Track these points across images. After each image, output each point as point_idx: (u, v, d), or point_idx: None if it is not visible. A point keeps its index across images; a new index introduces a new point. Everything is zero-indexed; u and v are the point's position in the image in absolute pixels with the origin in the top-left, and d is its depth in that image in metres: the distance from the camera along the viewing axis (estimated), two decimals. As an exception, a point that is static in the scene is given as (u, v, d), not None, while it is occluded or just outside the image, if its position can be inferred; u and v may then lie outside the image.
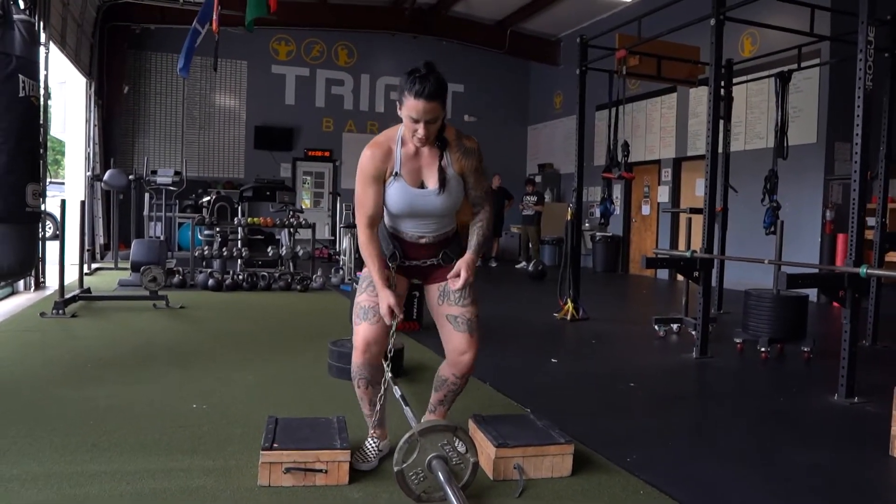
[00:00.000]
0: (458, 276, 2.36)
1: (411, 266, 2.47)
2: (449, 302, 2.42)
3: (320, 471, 2.20)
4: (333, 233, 13.23)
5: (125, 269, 8.03)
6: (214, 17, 8.13)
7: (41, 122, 4.33)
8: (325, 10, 12.79)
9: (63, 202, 5.42)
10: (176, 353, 4.19)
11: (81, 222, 5.86)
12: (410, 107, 2.18)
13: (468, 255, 2.40)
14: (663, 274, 11.18)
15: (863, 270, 3.51)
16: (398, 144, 2.33)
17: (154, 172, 8.81)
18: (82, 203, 5.88)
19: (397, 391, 3.08)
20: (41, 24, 6.78)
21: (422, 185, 2.34)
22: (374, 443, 2.46)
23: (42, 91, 5.46)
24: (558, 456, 2.36)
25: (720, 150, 6.55)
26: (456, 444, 2.13)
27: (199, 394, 3.23)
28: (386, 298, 2.29)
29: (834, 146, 8.60)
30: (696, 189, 10.68)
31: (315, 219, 9.64)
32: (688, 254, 4.72)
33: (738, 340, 4.98)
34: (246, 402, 3.16)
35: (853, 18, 3.91)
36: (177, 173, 8.85)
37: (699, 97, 10.50)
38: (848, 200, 8.62)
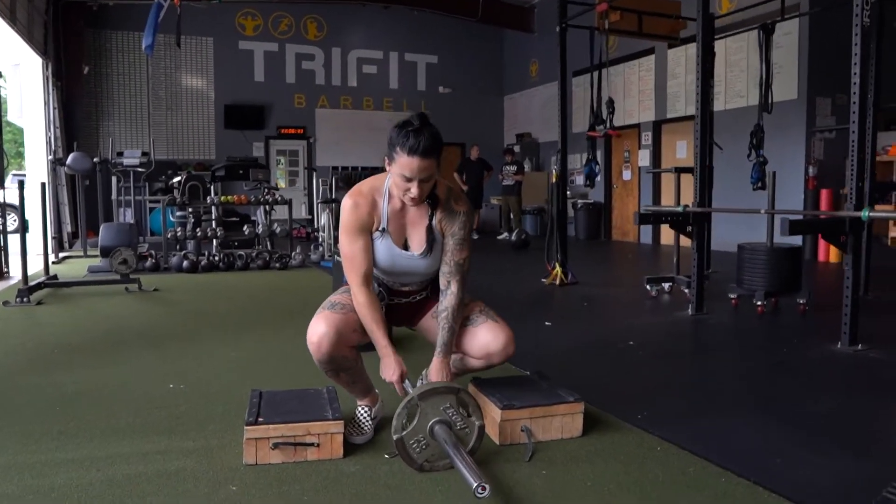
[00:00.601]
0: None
1: (397, 305, 2.31)
2: None
3: (311, 444, 2.01)
4: (310, 211, 12.96)
5: (95, 256, 7.73)
6: (175, -12, 7.76)
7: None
8: (292, -18, 12.37)
9: (21, 182, 5.12)
10: (150, 336, 3.96)
11: (42, 205, 5.54)
12: (403, 164, 1.98)
13: (436, 361, 2.13)
14: (646, 238, 11.12)
15: (865, 214, 3.38)
16: (385, 198, 2.15)
17: (120, 154, 8.46)
18: (42, 185, 5.55)
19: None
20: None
21: (405, 245, 2.17)
22: (366, 411, 2.27)
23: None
24: (568, 416, 2.20)
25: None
26: (459, 408, 1.95)
27: (175, 374, 3.02)
28: (397, 365, 2.08)
29: (815, 101, 8.51)
30: (677, 151, 10.57)
31: (291, 198, 9.36)
32: (680, 208, 4.57)
33: (732, 296, 4.87)
34: (227, 380, 2.96)
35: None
36: (144, 154, 8.51)
37: (677, 58, 10.35)
38: (831, 156, 8.60)
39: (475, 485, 1.59)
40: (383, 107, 14.07)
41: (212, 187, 8.68)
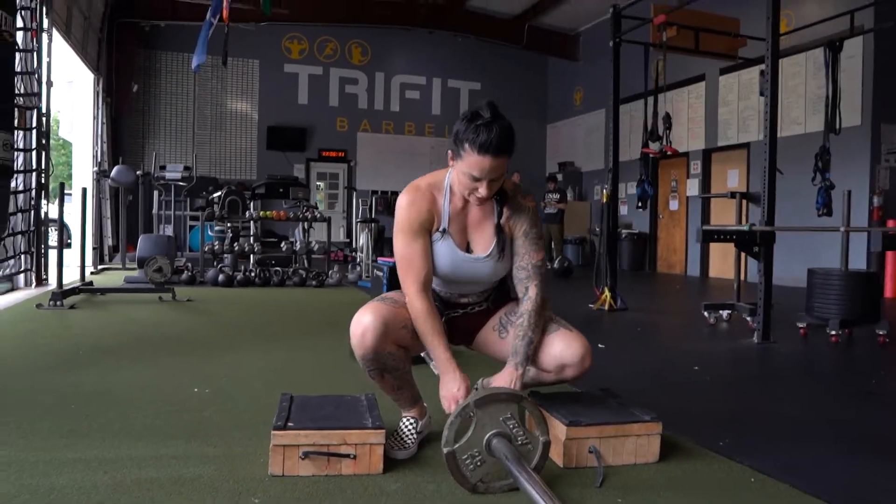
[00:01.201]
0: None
1: (453, 319, 2.03)
2: (514, 327, 1.94)
3: (347, 456, 1.74)
4: (349, 234, 12.84)
5: (133, 269, 7.67)
6: (224, 4, 7.80)
7: (14, 66, 3.92)
8: (339, 6, 12.46)
9: (62, 185, 5.03)
10: (178, 342, 3.76)
11: (82, 210, 5.46)
12: (472, 163, 1.75)
13: (507, 369, 1.85)
14: (694, 270, 10.69)
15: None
16: (446, 195, 1.91)
17: (163, 168, 8.44)
18: (84, 190, 5.49)
19: (436, 368, 2.64)
20: (42, 8, 6.44)
21: (468, 249, 1.92)
22: (411, 424, 1.99)
23: (19, 32, 5.02)
24: (643, 437, 1.89)
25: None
26: (520, 421, 1.67)
27: (201, 378, 2.79)
28: (459, 381, 1.79)
29: (880, 128, 8.08)
30: (727, 181, 10.18)
31: (330, 217, 9.23)
32: (746, 227, 4.24)
33: (801, 325, 4.48)
34: (256, 388, 2.71)
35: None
36: (186, 168, 8.48)
37: (729, 85, 10.04)
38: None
39: (548, 509, 1.30)
40: (425, 132, 14.00)
41: (251, 204, 8.61)
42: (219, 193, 8.36)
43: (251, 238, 7.82)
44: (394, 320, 1.85)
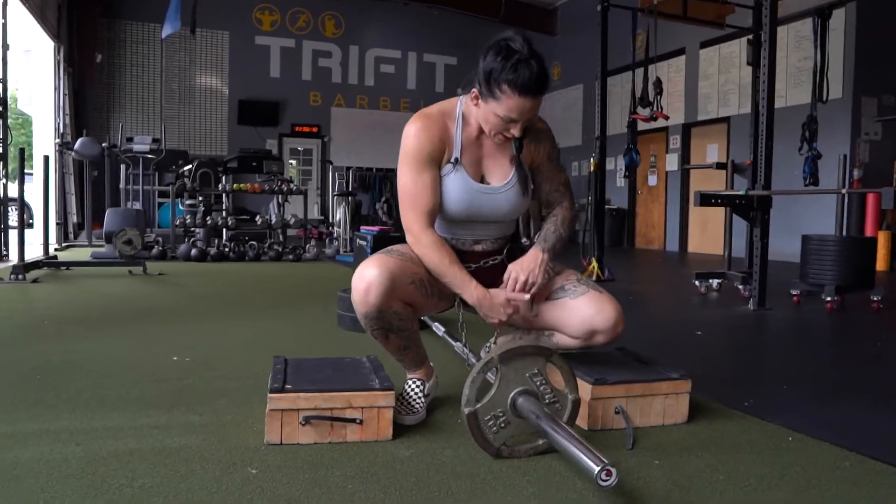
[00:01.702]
0: (517, 282, 1.69)
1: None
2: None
3: (353, 420, 1.56)
4: (323, 211, 12.56)
5: (100, 246, 7.33)
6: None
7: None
8: (311, -24, 12.07)
9: (21, 151, 4.71)
10: (152, 313, 3.53)
11: (45, 180, 5.15)
12: (512, 106, 1.56)
13: (533, 250, 1.75)
14: (672, 245, 10.67)
15: (978, 188, 2.93)
16: (458, 123, 1.71)
17: (130, 140, 8.07)
18: (45, 158, 5.17)
19: (439, 329, 2.47)
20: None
21: (482, 180, 1.74)
22: (418, 386, 1.82)
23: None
24: (671, 396, 1.75)
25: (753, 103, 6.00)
26: (547, 377, 1.50)
27: (180, 348, 2.58)
28: (495, 293, 1.68)
29: (861, 101, 8.07)
30: (707, 155, 10.13)
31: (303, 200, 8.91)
32: (742, 191, 4.13)
33: (794, 292, 4.41)
34: (240, 355, 2.52)
35: None
36: (155, 140, 8.12)
37: (710, 58, 9.95)
38: (876, 158, 8.13)
39: (597, 469, 1.14)
40: (400, 108, 13.71)
41: (223, 178, 8.29)
42: (189, 167, 8.04)
43: (224, 212, 7.54)
44: (401, 274, 1.66)
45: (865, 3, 7.53)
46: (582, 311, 1.70)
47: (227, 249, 6.79)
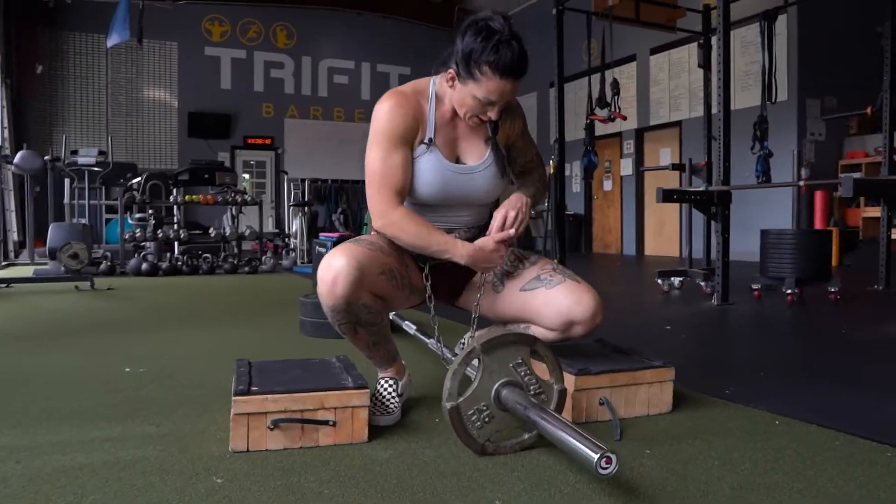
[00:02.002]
0: (506, 218, 1.64)
1: (439, 268, 1.73)
2: (512, 276, 1.72)
3: (326, 423, 1.46)
4: (278, 224, 12.32)
5: (44, 264, 7.00)
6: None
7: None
8: (262, -15, 11.90)
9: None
10: (103, 325, 3.34)
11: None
12: (492, 88, 1.51)
13: (515, 195, 1.71)
14: (630, 249, 10.80)
15: (932, 176, 2.99)
16: (431, 103, 1.64)
17: (74, 153, 7.76)
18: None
19: (410, 327, 2.38)
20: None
21: (457, 161, 1.68)
22: (391, 385, 1.72)
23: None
24: (655, 385, 1.69)
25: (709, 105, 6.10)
26: (531, 367, 1.43)
27: (134, 359, 2.43)
28: (482, 240, 1.62)
29: (805, 103, 8.31)
30: (660, 159, 10.29)
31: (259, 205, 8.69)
32: (702, 187, 4.16)
33: (755, 287, 4.46)
34: (199, 363, 2.38)
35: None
36: (101, 153, 7.83)
37: (660, 64, 10.14)
38: (822, 158, 8.38)
39: (597, 456, 1.07)
40: (355, 118, 13.59)
41: (174, 190, 8.03)
42: (138, 179, 7.78)
43: (175, 225, 7.29)
44: (371, 264, 1.57)
45: (805, 9, 7.77)
46: (559, 301, 1.63)
47: (179, 263, 6.56)
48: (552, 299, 1.64)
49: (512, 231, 1.62)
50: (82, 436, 1.55)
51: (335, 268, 1.52)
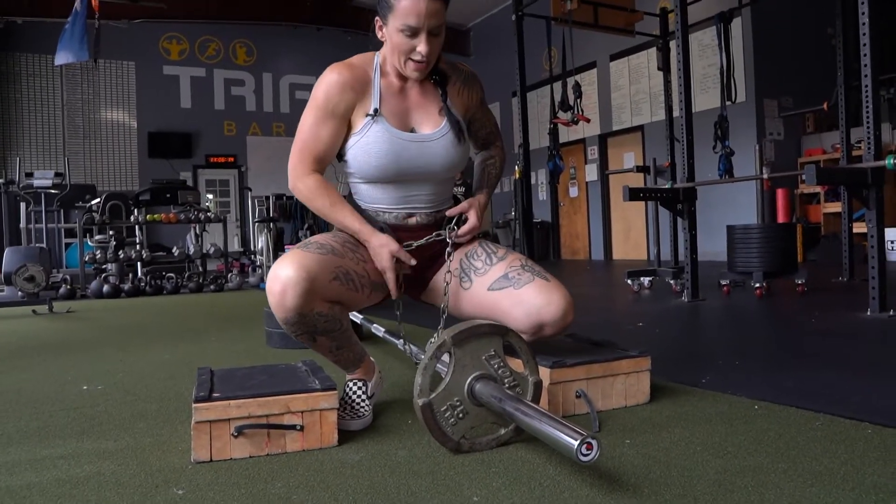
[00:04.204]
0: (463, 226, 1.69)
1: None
2: (479, 273, 1.64)
3: (293, 427, 1.39)
4: (244, 243, 12.13)
5: (0, 291, 6.75)
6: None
7: None
8: (220, 2, 11.77)
9: None
10: (60, 346, 3.20)
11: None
12: (407, 9, 1.46)
13: (477, 197, 1.75)
14: (598, 254, 10.87)
15: (889, 161, 3.04)
16: (376, 73, 1.59)
17: (30, 175, 7.53)
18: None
19: (379, 329, 2.32)
20: None
21: (412, 132, 1.62)
22: (359, 388, 1.65)
23: None
24: (632, 375, 1.66)
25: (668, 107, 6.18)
26: (505, 359, 1.38)
27: (90, 376, 2.32)
28: (383, 243, 1.55)
29: (763, 103, 8.48)
30: (624, 163, 10.39)
31: (223, 225, 8.50)
32: (668, 184, 4.18)
33: (724, 282, 4.50)
34: (159, 378, 2.28)
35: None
36: (58, 175, 7.61)
37: (620, 70, 10.27)
38: (781, 157, 8.55)
39: (577, 443, 1.02)
40: (319, 133, 13.48)
41: (136, 210, 7.84)
42: (97, 200, 7.58)
43: (137, 246, 7.11)
44: (322, 271, 1.48)
45: (758, 11, 7.95)
46: (528, 302, 1.56)
47: (142, 284, 6.39)
48: (521, 299, 1.57)
49: (413, 262, 1.57)
50: (32, 455, 1.45)
51: (282, 279, 1.44)
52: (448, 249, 1.64)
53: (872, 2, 3.23)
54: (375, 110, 1.57)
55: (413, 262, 1.57)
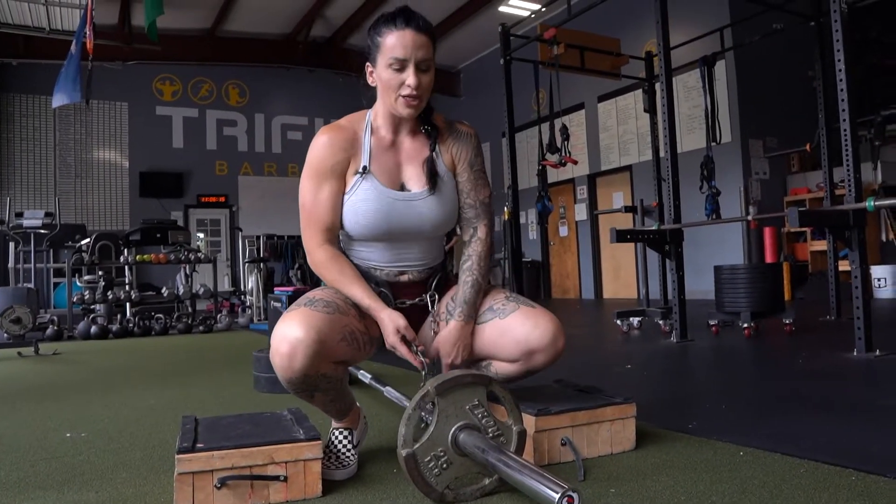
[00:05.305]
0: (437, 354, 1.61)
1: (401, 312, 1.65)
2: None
3: (276, 478, 1.38)
4: (234, 283, 12.10)
5: (-15, 330, 6.68)
6: (88, 31, 7.19)
7: None
8: (213, 45, 11.95)
9: None
10: (43, 390, 3.16)
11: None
12: (393, 45, 1.51)
13: (453, 324, 1.60)
14: (588, 293, 10.90)
15: (869, 203, 3.09)
16: (367, 130, 1.63)
17: (20, 215, 7.53)
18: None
19: (365, 376, 2.31)
20: None
21: (402, 189, 1.63)
22: (345, 437, 1.64)
23: None
24: (617, 422, 1.66)
25: (659, 148, 6.28)
26: (488, 409, 1.38)
27: (74, 423, 2.30)
28: (392, 319, 1.53)
29: (749, 143, 8.63)
30: (613, 203, 10.50)
31: (214, 265, 8.49)
32: (655, 226, 4.23)
33: (712, 322, 4.53)
34: (145, 425, 2.26)
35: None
36: (48, 215, 7.61)
37: (608, 111, 10.45)
38: (767, 196, 8.66)
39: (557, 496, 1.02)
40: (310, 173, 13.58)
41: (125, 251, 7.83)
42: (87, 241, 7.56)
43: (127, 286, 7.08)
44: (331, 332, 1.47)
45: (741, 55, 8.14)
46: (515, 330, 1.57)
47: (131, 325, 6.34)
48: (508, 328, 1.58)
49: (413, 362, 1.54)
50: (11, 508, 1.43)
51: (291, 340, 1.42)
52: (430, 318, 1.68)
53: (848, 48, 3.34)
54: (364, 168, 1.60)
55: (414, 337, 1.55)
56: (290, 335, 1.42)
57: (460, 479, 1.35)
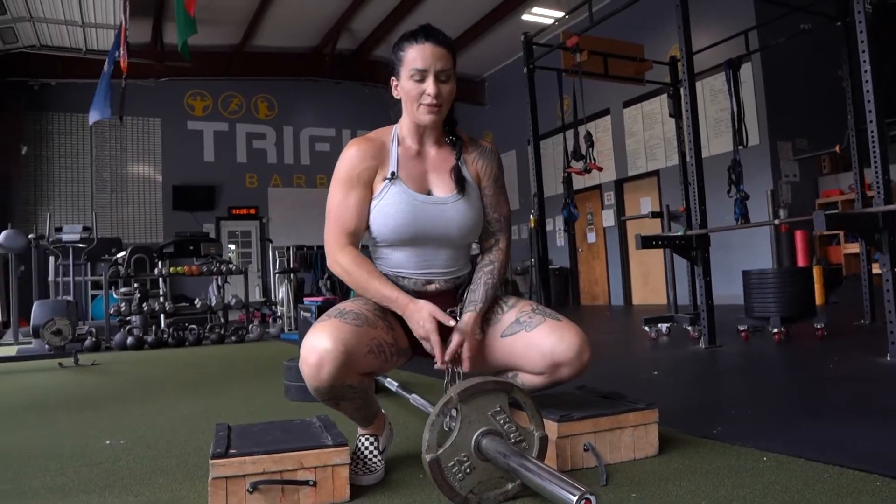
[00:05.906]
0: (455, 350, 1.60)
1: None
2: (491, 322, 1.69)
3: (306, 483, 1.43)
4: (265, 293, 12.28)
5: (28, 342, 6.90)
6: (122, 55, 7.41)
7: None
8: (242, 60, 12.20)
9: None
10: (84, 399, 3.27)
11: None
12: (414, 57, 1.61)
13: (467, 317, 1.64)
14: (617, 300, 10.82)
15: (901, 207, 3.05)
16: (394, 141, 1.71)
17: (59, 230, 7.77)
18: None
19: (392, 384, 2.36)
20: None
21: (429, 194, 1.70)
22: (371, 443, 1.69)
23: None
24: (640, 427, 1.68)
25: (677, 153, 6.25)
26: (511, 415, 1.42)
27: (113, 431, 2.38)
28: (421, 306, 1.57)
29: (777, 146, 8.52)
30: (640, 208, 10.43)
31: (245, 276, 8.65)
32: (681, 231, 4.22)
33: (742, 328, 4.47)
34: (181, 433, 2.33)
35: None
36: (86, 229, 7.84)
37: (633, 116, 10.41)
38: (798, 199, 8.53)
39: (575, 498, 1.05)
40: (338, 184, 13.73)
41: (159, 263, 8.02)
42: (123, 254, 7.76)
43: (161, 298, 7.25)
44: (358, 345, 1.51)
45: (767, 57, 8.06)
46: (541, 343, 1.60)
47: (165, 335, 6.49)
48: (534, 341, 1.61)
49: (452, 323, 1.58)
50: (56, 512, 1.50)
51: (320, 351, 1.46)
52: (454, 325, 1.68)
53: (873, 48, 3.31)
54: (393, 174, 1.66)
55: (452, 322, 1.58)
56: (319, 346, 1.47)
57: (483, 483, 1.38)
